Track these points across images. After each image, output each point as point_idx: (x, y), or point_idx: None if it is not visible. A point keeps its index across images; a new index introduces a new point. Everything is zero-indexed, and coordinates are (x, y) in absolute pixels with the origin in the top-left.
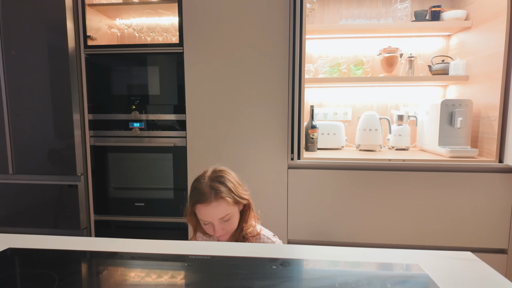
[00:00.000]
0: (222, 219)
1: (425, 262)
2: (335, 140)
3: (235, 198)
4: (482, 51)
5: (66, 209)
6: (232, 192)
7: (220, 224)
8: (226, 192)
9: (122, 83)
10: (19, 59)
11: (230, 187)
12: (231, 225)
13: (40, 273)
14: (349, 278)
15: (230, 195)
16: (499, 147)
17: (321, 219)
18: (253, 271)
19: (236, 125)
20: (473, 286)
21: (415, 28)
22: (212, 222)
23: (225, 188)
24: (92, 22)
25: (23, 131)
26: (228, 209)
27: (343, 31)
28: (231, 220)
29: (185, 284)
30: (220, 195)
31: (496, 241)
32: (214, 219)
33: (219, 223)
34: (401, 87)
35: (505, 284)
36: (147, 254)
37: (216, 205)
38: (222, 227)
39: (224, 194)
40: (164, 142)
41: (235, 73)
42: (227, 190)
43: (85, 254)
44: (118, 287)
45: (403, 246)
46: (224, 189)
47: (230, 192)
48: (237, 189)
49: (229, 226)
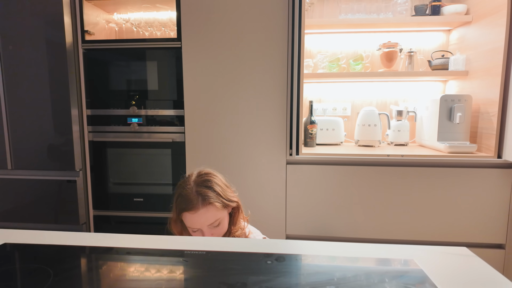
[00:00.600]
0: (211, 225)
1: (420, 257)
2: (334, 136)
3: (223, 202)
4: (482, 46)
5: (65, 204)
6: (221, 196)
7: (210, 230)
8: (214, 197)
9: (120, 78)
10: (17, 54)
11: (218, 191)
12: (220, 230)
13: (35, 268)
14: (344, 273)
15: (218, 200)
16: (498, 143)
17: (319, 214)
18: (248, 266)
19: (234, 120)
20: (468, 281)
21: (415, 23)
22: (201, 229)
23: (212, 193)
24: (90, 17)
25: (21, 127)
26: (217, 214)
27: (342, 26)
28: (220, 224)
29: (180, 279)
30: (208, 201)
31: (493, 236)
32: (203, 226)
33: (208, 229)
34: (401, 82)
35: (499, 279)
36: (142, 249)
37: (205, 211)
38: (211, 232)
39: (212, 200)
40: (163, 137)
41: (233, 68)
42: (215, 195)
43: (80, 250)
44: (113, 283)
45: (401, 241)
46: (212, 194)
47: (219, 197)
48: (226, 193)
49: (218, 231)
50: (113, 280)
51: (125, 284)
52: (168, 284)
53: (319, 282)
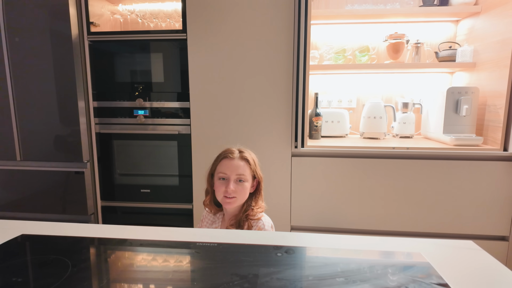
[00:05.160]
0: (238, 177)
1: (426, 251)
2: (339, 128)
3: (254, 169)
4: (491, 37)
5: (73, 195)
6: (254, 163)
7: (235, 183)
8: (250, 159)
9: (126, 70)
10: (23, 46)
11: (253, 158)
12: (242, 190)
13: (53, 259)
14: (352, 265)
15: (251, 164)
16: (504, 135)
17: (324, 206)
18: (259, 258)
19: (240, 112)
20: (474, 275)
21: (423, 13)
22: (229, 177)
23: (250, 156)
24: (95, 8)
25: (29, 119)
26: (246, 170)
27: (349, 17)
28: (244, 184)
29: (193, 270)
30: (244, 157)
31: (497, 228)
32: (232, 173)
33: (235, 181)
34: (407, 74)
35: (506, 273)
36: (155, 241)
37: (239, 161)
38: (235, 186)
39: (248, 158)
40: (169, 129)
41: (239, 59)
42: (251, 158)
43: (95, 241)
44: (127, 273)
45: (406, 233)
46: (249, 157)
47: (252, 164)
48: (256, 166)
49: (240, 189)
50: (128, 271)
51: (140, 274)
52: (182, 275)
53: (328, 274)
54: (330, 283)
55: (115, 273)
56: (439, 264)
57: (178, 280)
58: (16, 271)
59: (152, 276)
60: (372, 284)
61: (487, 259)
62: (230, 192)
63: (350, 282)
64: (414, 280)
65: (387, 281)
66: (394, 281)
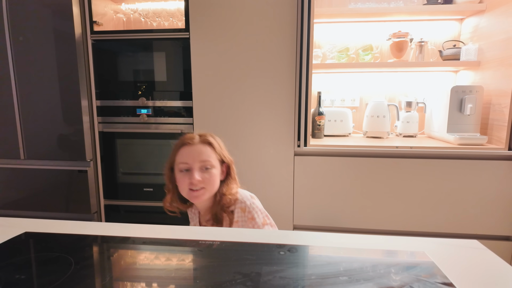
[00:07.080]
0: (203, 164)
1: (431, 250)
2: (342, 127)
3: (221, 153)
4: (496, 35)
5: (76, 194)
6: (219, 146)
7: (200, 171)
8: (213, 142)
9: (129, 69)
10: (27, 45)
11: (218, 142)
12: (210, 179)
13: (56, 256)
14: (355, 264)
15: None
16: (509, 135)
17: (327, 205)
18: (261, 256)
19: (242, 111)
20: (479, 274)
21: (427, 12)
22: (192, 166)
23: (213, 140)
24: (98, 7)
25: (33, 118)
26: (211, 155)
27: (352, 15)
28: (211, 171)
29: (196, 268)
30: (207, 141)
31: (502, 228)
32: (194, 161)
33: (199, 170)
34: (411, 72)
35: (511, 272)
36: (158, 239)
37: (201, 146)
38: (201, 175)
39: (211, 142)
40: (171, 128)
41: (241, 58)
42: (214, 141)
43: (98, 239)
44: (130, 271)
45: (409, 233)
46: (212, 141)
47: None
48: (222, 149)
49: (208, 178)
50: (131, 269)
51: (143, 272)
52: (185, 273)
53: (331, 273)
54: (333, 282)
55: (118, 271)
56: (443, 263)
57: (181, 278)
58: (20, 268)
59: (154, 274)
60: (375, 283)
61: (492, 259)
62: (196, 183)
63: (353, 281)
64: (419, 279)
65: (390, 280)
66: (398, 280)
